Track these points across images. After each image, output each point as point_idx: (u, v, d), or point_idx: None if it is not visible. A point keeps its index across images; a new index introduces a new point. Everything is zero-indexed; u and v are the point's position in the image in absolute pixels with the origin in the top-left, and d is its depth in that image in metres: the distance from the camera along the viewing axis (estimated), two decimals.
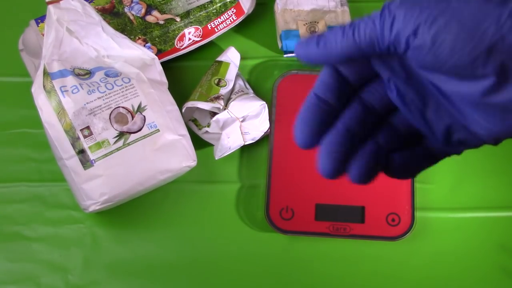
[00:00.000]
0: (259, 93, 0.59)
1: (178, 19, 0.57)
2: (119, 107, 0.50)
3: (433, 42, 0.23)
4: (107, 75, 0.51)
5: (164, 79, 0.54)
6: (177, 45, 0.58)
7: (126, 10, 0.57)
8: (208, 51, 0.61)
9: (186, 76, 0.60)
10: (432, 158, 0.29)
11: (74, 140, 0.49)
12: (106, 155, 0.49)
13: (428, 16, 0.23)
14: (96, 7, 0.56)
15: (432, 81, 0.25)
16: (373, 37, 0.25)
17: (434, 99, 0.26)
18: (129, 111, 0.50)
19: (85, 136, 0.49)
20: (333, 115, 0.28)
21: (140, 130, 0.50)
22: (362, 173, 0.27)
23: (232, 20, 0.59)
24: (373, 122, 0.29)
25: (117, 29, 0.54)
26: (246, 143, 0.55)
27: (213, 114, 0.55)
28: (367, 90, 0.29)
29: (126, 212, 0.55)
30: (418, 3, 0.24)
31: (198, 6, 0.58)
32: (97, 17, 0.51)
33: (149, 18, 0.57)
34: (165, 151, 0.50)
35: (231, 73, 0.55)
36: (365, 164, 0.27)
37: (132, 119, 0.50)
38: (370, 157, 0.28)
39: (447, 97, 0.25)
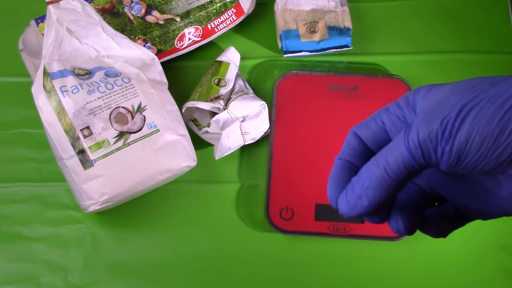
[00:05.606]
0: (259, 93, 0.59)
1: (178, 19, 0.57)
2: (119, 107, 0.50)
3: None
4: (107, 75, 0.51)
5: (164, 79, 0.54)
6: (177, 45, 0.58)
7: (126, 10, 0.57)
8: (208, 51, 0.61)
9: (186, 76, 0.60)
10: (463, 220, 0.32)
11: (74, 140, 0.49)
12: (106, 155, 0.49)
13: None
14: (96, 7, 0.56)
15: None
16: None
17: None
18: (129, 111, 0.50)
19: (85, 136, 0.49)
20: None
21: (140, 130, 0.50)
22: (407, 225, 0.30)
23: (232, 20, 0.59)
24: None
25: (117, 29, 0.54)
26: (246, 143, 0.55)
27: (213, 114, 0.55)
28: None
29: (126, 212, 0.55)
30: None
31: (198, 6, 0.58)
32: (97, 17, 0.51)
33: (149, 18, 0.57)
34: (165, 151, 0.50)
35: (231, 73, 0.55)
36: (409, 215, 0.30)
37: (132, 119, 0.50)
38: (411, 210, 0.30)
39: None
